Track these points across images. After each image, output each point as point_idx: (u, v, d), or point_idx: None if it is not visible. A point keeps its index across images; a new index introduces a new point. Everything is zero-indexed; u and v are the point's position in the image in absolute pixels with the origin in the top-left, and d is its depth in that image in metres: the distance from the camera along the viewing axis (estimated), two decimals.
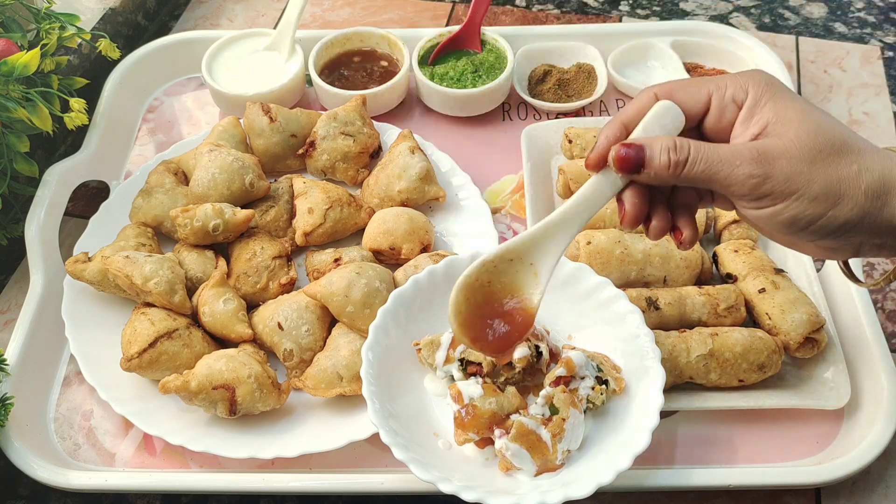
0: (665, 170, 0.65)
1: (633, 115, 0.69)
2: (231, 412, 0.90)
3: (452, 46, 1.29)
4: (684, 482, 0.87)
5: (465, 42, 1.30)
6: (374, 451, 0.92)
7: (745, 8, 1.54)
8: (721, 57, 1.33)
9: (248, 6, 1.56)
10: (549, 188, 1.15)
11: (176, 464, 0.93)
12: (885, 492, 0.91)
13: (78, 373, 0.98)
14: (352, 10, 1.54)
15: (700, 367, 0.91)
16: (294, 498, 0.93)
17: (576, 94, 1.28)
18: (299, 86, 1.29)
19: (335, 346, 0.95)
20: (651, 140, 0.66)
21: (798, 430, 0.93)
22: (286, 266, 1.04)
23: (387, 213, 1.07)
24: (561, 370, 0.84)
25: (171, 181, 1.10)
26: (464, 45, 1.30)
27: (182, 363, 0.94)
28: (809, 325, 0.93)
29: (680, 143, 0.65)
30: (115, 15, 1.37)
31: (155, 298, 0.97)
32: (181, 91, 1.36)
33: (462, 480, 0.78)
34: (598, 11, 1.54)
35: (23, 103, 1.03)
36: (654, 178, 0.66)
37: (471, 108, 1.26)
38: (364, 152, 1.16)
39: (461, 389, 0.82)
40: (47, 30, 1.13)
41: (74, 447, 0.95)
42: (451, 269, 0.92)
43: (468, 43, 1.30)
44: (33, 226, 1.07)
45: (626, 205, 0.69)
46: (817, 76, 1.39)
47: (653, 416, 0.81)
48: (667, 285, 1.01)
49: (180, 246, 1.06)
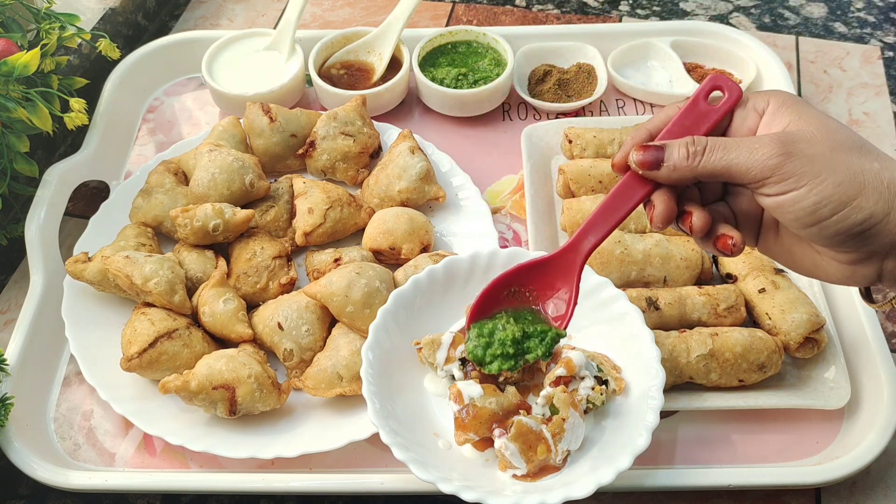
0: (683, 161, 0.65)
1: (659, 124, 0.70)
2: (231, 412, 0.90)
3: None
4: (684, 482, 0.87)
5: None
6: (374, 451, 0.92)
7: (745, 8, 1.54)
8: (721, 57, 1.33)
9: (248, 6, 1.56)
10: (549, 188, 1.15)
11: (176, 464, 0.93)
12: (885, 492, 0.91)
13: (78, 373, 0.98)
14: (352, 10, 1.54)
15: (700, 367, 0.91)
16: (294, 498, 0.93)
17: (576, 94, 1.28)
18: (299, 86, 1.29)
19: (335, 346, 0.95)
20: (670, 141, 0.67)
21: (798, 430, 0.93)
22: (286, 266, 1.04)
23: (387, 213, 1.07)
24: (561, 370, 0.84)
25: (171, 181, 1.10)
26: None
27: (182, 363, 0.94)
28: (809, 325, 0.93)
29: (698, 138, 0.65)
30: (115, 15, 1.37)
31: (155, 298, 0.97)
32: (181, 91, 1.36)
33: (462, 480, 0.78)
34: (598, 11, 1.54)
35: (23, 103, 1.03)
36: (674, 173, 0.66)
37: (471, 108, 1.26)
38: (364, 152, 1.16)
39: (461, 389, 0.82)
40: (47, 30, 1.13)
41: (74, 447, 0.95)
42: (451, 269, 0.92)
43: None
44: (33, 226, 1.07)
45: (655, 203, 0.68)
46: (817, 76, 1.39)
47: (653, 416, 0.81)
48: (667, 285, 1.01)
49: (180, 246, 1.06)
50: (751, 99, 0.68)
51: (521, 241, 1.13)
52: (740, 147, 0.63)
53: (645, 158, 0.66)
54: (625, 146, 0.69)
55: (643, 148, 0.67)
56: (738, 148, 0.63)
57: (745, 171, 0.63)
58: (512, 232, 1.15)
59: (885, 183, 0.61)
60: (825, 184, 0.61)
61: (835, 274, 0.67)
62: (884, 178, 0.61)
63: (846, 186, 0.60)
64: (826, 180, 0.61)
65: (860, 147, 0.63)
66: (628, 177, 0.69)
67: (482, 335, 0.80)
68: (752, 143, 0.63)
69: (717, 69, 1.32)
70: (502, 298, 0.80)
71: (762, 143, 0.63)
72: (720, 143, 0.64)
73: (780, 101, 0.66)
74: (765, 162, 0.62)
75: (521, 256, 0.93)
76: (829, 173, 0.61)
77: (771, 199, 0.63)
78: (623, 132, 1.15)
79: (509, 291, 0.80)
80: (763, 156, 0.62)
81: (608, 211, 0.70)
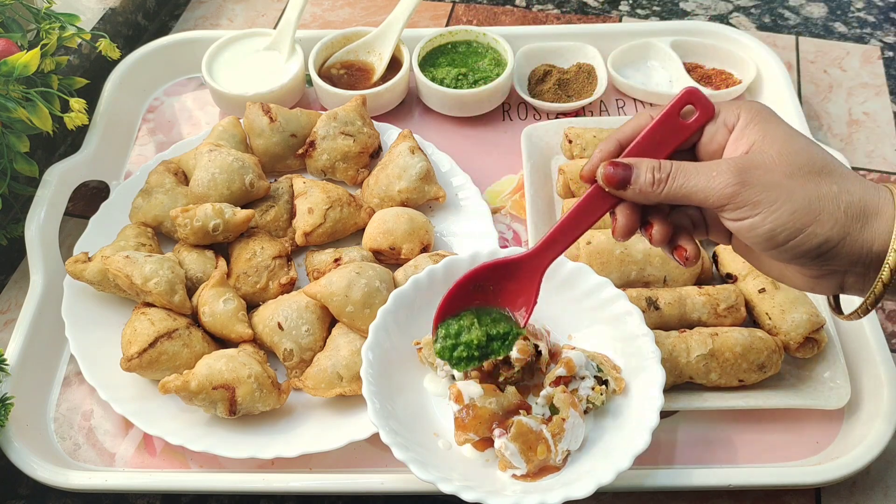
0: (649, 187, 0.68)
1: (630, 134, 0.72)
2: (231, 412, 0.90)
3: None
4: (684, 482, 0.87)
5: None
6: (374, 451, 0.92)
7: (745, 8, 1.54)
8: (721, 57, 1.33)
9: (248, 6, 1.56)
10: (549, 188, 1.15)
11: (176, 464, 0.93)
12: (885, 492, 0.91)
13: (78, 373, 0.98)
14: (352, 10, 1.54)
15: (700, 367, 0.91)
16: (294, 498, 0.93)
17: (576, 94, 1.28)
18: (299, 86, 1.29)
19: (335, 346, 0.95)
20: (638, 160, 0.69)
21: (798, 430, 0.93)
22: (286, 266, 1.04)
23: (387, 213, 1.07)
24: (561, 370, 0.84)
25: (171, 181, 1.10)
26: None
27: (182, 363, 0.94)
28: (809, 325, 0.93)
29: (664, 163, 0.68)
30: (115, 15, 1.37)
31: (155, 298, 0.97)
32: (181, 91, 1.36)
33: (462, 480, 0.78)
34: (598, 11, 1.54)
35: (23, 103, 1.03)
36: (639, 195, 0.69)
37: (471, 108, 1.26)
38: (364, 152, 1.16)
39: (461, 389, 0.82)
40: (47, 30, 1.13)
41: (74, 447, 0.95)
42: (450, 269, 0.92)
43: None
44: (33, 226, 1.07)
45: (618, 217, 0.71)
46: (817, 76, 1.39)
47: (653, 416, 0.81)
48: (667, 285, 1.01)
49: (180, 246, 1.06)
50: (722, 112, 0.69)
51: (521, 241, 1.13)
52: (699, 174, 0.66)
53: (613, 175, 0.69)
54: (594, 157, 0.72)
55: (613, 164, 0.70)
56: (698, 175, 0.66)
57: (705, 199, 0.66)
58: (512, 232, 1.15)
59: (841, 208, 0.62)
60: (780, 212, 0.63)
61: (800, 283, 0.69)
62: (841, 202, 0.63)
63: (801, 214, 0.62)
64: (780, 208, 0.63)
65: (821, 170, 0.64)
66: (595, 188, 0.72)
67: (449, 336, 0.84)
68: (711, 171, 0.65)
69: (716, 69, 1.32)
70: (469, 294, 0.84)
71: (720, 170, 0.65)
72: (682, 169, 0.67)
73: (748, 117, 0.68)
74: (721, 190, 0.64)
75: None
76: (784, 201, 0.63)
77: (730, 223, 0.66)
78: None
79: (476, 286, 0.84)
80: (720, 184, 0.64)
81: (575, 221, 0.74)
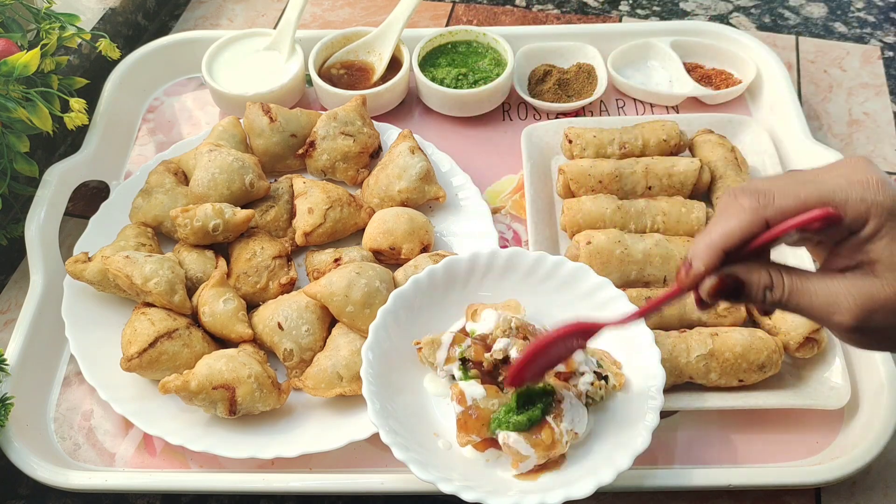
0: (759, 304, 0.62)
1: (739, 242, 0.61)
2: (231, 412, 0.90)
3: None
4: (684, 482, 0.87)
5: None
6: (374, 451, 0.92)
7: (745, 8, 1.54)
8: (721, 57, 1.33)
9: (248, 6, 1.56)
10: (549, 188, 1.15)
11: (176, 464, 0.93)
12: (885, 492, 0.91)
13: (78, 373, 0.98)
14: (352, 10, 1.54)
15: (700, 367, 0.91)
16: (294, 498, 0.93)
17: (576, 94, 1.28)
18: (299, 86, 1.29)
19: (335, 346, 0.95)
20: (749, 273, 0.61)
21: (798, 429, 0.93)
22: (286, 266, 1.04)
23: (387, 213, 1.07)
24: (560, 365, 0.84)
25: (171, 181, 1.10)
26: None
27: (182, 363, 0.94)
28: (809, 325, 0.93)
29: (776, 281, 0.61)
30: (115, 15, 1.37)
31: (155, 298, 0.97)
32: (181, 91, 1.36)
33: (462, 480, 0.78)
34: (598, 11, 1.54)
35: (23, 103, 1.03)
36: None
37: (471, 108, 1.26)
38: (364, 152, 1.16)
39: (464, 390, 0.82)
40: (47, 30, 1.13)
41: (74, 447, 0.95)
42: (451, 269, 0.92)
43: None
44: (33, 226, 1.07)
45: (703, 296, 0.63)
46: (817, 76, 1.39)
47: (653, 416, 0.81)
48: (667, 285, 1.01)
49: (180, 246, 1.06)
50: (848, 211, 0.58)
51: (521, 241, 1.13)
52: (814, 308, 0.60)
53: (722, 292, 0.62)
54: (696, 269, 0.62)
55: (722, 282, 0.61)
56: (813, 308, 0.60)
57: (819, 322, 0.62)
58: (512, 232, 1.15)
59: None
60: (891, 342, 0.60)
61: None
62: None
63: None
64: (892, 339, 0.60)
65: None
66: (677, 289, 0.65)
67: (519, 407, 0.81)
68: (829, 307, 0.59)
69: (716, 69, 1.32)
70: (553, 351, 0.77)
71: (839, 308, 0.59)
72: (796, 293, 0.61)
73: (879, 223, 0.58)
74: (839, 334, 0.61)
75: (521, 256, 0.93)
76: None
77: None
78: (623, 132, 1.15)
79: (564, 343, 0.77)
80: (837, 325, 0.60)
81: (658, 304, 0.68)
